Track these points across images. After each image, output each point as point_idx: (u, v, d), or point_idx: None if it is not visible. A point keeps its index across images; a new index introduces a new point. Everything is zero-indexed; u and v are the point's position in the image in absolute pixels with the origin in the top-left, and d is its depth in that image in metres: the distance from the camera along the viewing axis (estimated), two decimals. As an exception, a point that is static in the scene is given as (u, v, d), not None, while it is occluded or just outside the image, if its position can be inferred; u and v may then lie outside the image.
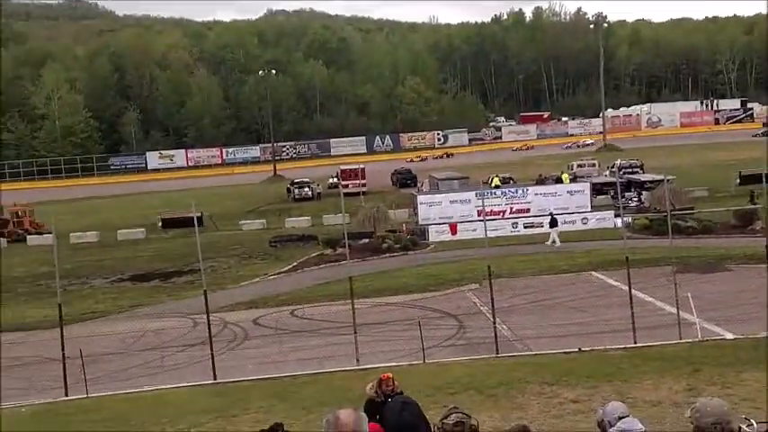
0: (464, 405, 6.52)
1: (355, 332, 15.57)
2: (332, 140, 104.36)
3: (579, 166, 53.07)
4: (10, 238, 42.64)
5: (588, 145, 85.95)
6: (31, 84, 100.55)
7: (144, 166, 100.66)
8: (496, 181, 44.72)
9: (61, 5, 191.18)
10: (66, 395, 14.54)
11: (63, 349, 14.80)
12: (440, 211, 33.77)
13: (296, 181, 57.81)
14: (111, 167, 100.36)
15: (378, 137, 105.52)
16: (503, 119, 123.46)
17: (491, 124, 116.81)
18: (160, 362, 17.25)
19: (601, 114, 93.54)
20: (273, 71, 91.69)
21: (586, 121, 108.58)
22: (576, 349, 14.73)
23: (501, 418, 10.54)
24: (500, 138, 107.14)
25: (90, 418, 12.70)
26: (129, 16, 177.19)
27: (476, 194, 33.09)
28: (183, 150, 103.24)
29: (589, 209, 33.82)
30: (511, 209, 33.61)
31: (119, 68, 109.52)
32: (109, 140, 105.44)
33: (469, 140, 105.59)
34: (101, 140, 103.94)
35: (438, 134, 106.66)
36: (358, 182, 51.81)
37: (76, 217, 48.51)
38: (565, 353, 14.71)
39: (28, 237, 42.35)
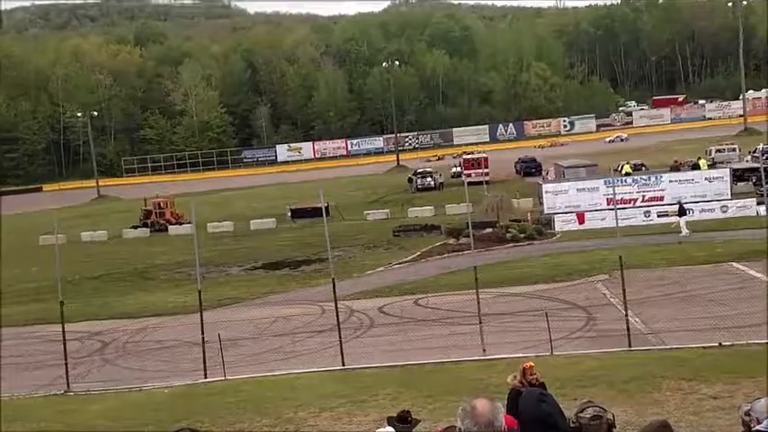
0: (595, 399, 6.33)
1: (480, 322, 15.48)
2: (455, 130, 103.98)
3: (718, 151, 50.11)
4: (153, 228, 45.33)
5: (624, 140, 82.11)
6: (171, 81, 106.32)
7: (274, 158, 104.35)
8: (627, 168, 42.98)
9: (197, 5, 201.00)
10: (206, 377, 15.34)
11: (203, 333, 15.61)
12: (566, 199, 32.90)
13: (418, 171, 58.05)
14: (244, 160, 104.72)
15: (501, 125, 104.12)
16: (634, 103, 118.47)
17: (620, 109, 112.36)
18: (291, 347, 17.86)
19: (741, 96, 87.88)
20: (397, 62, 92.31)
21: (725, 103, 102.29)
22: (716, 344, 13.98)
23: (635, 414, 10.15)
24: (631, 123, 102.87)
25: (227, 400, 13.34)
26: (259, 14, 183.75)
27: (604, 182, 32.00)
28: (311, 143, 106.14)
29: (729, 196, 31.92)
30: (643, 197, 32.26)
31: (251, 65, 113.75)
32: (242, 134, 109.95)
33: (597, 126, 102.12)
34: (234, 134, 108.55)
35: (564, 121, 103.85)
36: (481, 171, 51.32)
37: (213, 208, 50.94)
38: (703, 347, 13.99)
39: (169, 227, 44.86)
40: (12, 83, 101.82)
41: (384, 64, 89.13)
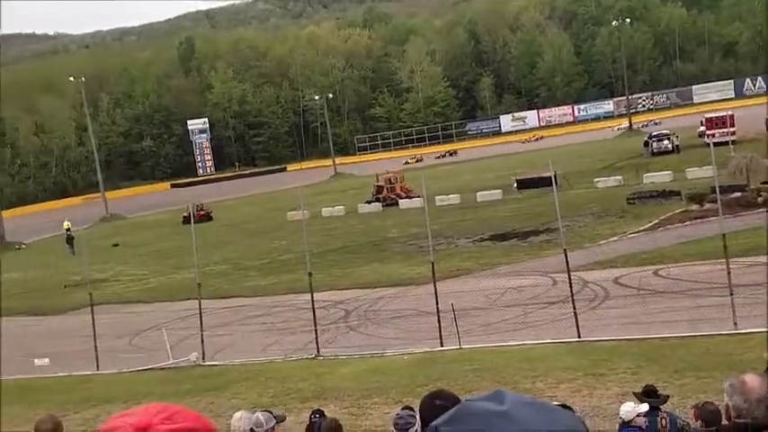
0: None
1: (731, 293, 14.33)
2: (694, 87, 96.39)
3: None
4: (385, 203, 47.34)
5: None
6: (397, 60, 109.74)
7: (498, 129, 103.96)
8: None
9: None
10: (441, 345, 15.82)
11: (437, 303, 16.09)
12: (830, 158, 29.22)
13: (654, 134, 54.67)
14: (469, 133, 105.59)
15: (748, 79, 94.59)
16: None
17: None
18: (523, 318, 17.82)
19: None
20: (627, 20, 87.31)
21: None
22: None
23: None
24: None
25: (463, 368, 13.67)
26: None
27: None
28: (535, 111, 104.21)
29: None
30: None
31: (473, 36, 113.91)
32: (466, 106, 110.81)
33: None
34: (458, 107, 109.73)
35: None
36: (726, 130, 47.11)
37: (439, 181, 51.99)
38: None
39: (399, 201, 46.58)
40: (257, 72, 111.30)
41: (614, 22, 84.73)
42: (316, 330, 17.67)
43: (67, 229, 48.60)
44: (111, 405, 14.51)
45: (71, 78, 77.52)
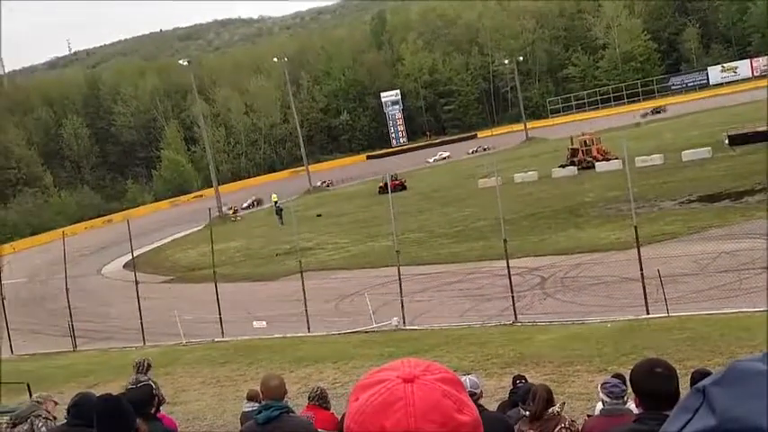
0: None
1: None
2: None
3: None
4: (580, 167, 45.78)
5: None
6: (592, 16, 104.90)
7: (705, 82, 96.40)
8: None
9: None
10: (647, 313, 15.17)
11: (641, 269, 15.41)
12: None
13: None
14: (672, 88, 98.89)
15: None
16: None
17: None
18: (738, 284, 16.59)
19: None
20: None
21: None
22: None
23: None
24: None
25: (672, 337, 13.01)
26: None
27: None
28: (747, 61, 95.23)
29: None
30: None
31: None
32: (669, 60, 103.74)
33: None
34: (660, 62, 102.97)
35: None
36: None
37: (639, 141, 49.33)
38: None
39: (596, 164, 44.83)
40: (446, 40, 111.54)
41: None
42: (513, 297, 17.66)
43: (275, 202, 52.14)
44: (322, 365, 15.53)
45: (275, 59, 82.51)
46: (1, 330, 24.41)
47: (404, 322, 18.61)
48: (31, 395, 12.62)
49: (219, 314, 21.37)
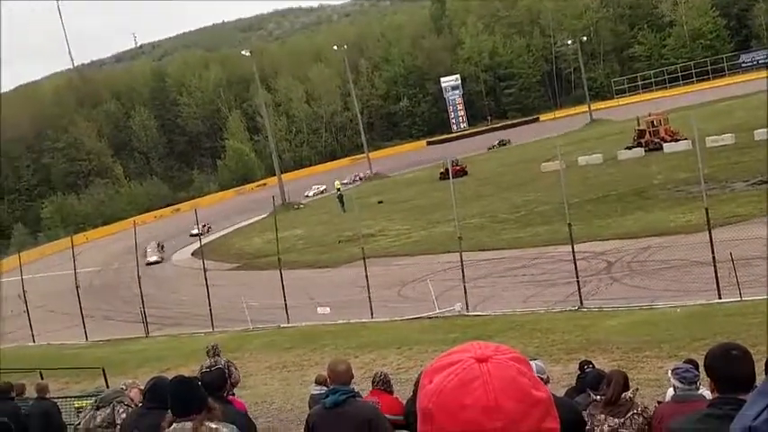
0: None
1: None
2: None
3: None
4: (647, 148, 44.62)
5: None
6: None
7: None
8: None
9: None
10: (719, 298, 14.73)
11: (713, 252, 14.97)
12: None
13: None
14: (742, 65, 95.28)
15: None
16: None
17: None
18: (818, 269, 15.93)
19: None
20: None
21: None
22: None
23: None
24: None
25: (747, 321, 12.58)
26: None
27: None
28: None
29: None
30: None
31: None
32: (739, 37, 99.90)
33: None
34: (729, 39, 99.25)
35: None
36: None
37: (709, 120, 47.72)
38: None
39: (664, 144, 43.63)
40: (507, 23, 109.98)
41: None
42: (578, 282, 17.39)
43: (338, 189, 52.55)
44: (386, 350, 15.63)
45: (335, 47, 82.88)
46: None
47: (467, 308, 18.55)
48: (106, 379, 13.11)
49: (285, 300, 21.70)
